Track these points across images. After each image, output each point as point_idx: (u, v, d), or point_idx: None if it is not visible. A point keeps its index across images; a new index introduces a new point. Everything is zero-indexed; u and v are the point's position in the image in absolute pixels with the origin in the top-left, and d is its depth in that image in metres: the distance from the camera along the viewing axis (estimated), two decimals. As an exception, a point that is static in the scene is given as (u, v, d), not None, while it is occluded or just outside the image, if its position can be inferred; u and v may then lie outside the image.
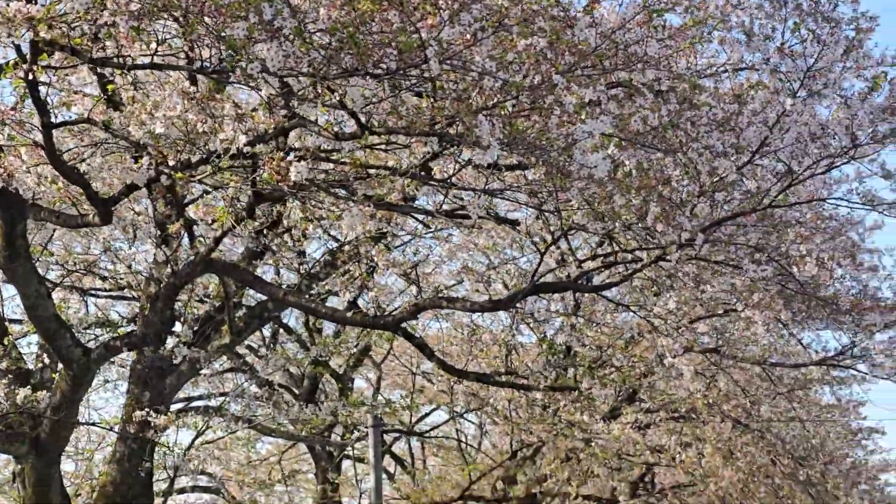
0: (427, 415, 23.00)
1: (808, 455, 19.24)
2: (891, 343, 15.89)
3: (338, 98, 7.29)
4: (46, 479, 11.49)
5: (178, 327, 12.89)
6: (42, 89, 8.08)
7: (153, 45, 7.49)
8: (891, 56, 9.69)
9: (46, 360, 12.52)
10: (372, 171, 8.98)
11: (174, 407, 13.90)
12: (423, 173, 8.87)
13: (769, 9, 9.72)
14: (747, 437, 18.35)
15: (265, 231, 11.90)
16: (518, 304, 12.55)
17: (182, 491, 19.24)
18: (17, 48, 7.45)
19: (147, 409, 11.90)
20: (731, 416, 17.84)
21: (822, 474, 19.53)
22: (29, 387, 11.57)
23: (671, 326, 13.19)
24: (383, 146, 9.08)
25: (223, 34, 6.46)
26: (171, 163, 8.09)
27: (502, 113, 7.12)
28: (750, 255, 10.00)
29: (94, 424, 15.20)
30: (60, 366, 11.29)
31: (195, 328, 12.82)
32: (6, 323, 13.05)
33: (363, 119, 7.85)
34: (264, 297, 12.70)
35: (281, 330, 18.86)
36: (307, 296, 12.31)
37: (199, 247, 11.02)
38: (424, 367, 21.73)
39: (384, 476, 24.22)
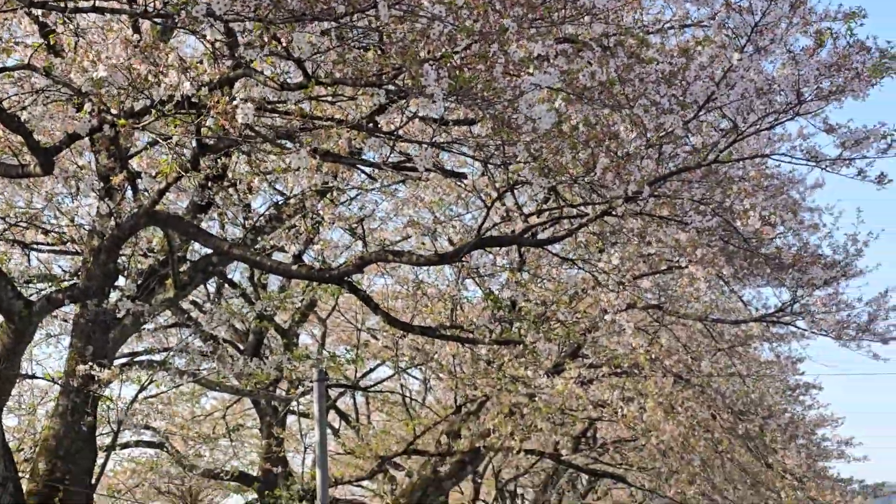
0: (372, 370, 22.99)
1: (747, 410, 19.38)
2: (830, 299, 16.09)
3: (284, 46, 7.14)
4: (-12, 433, 11.32)
5: (121, 281, 12.72)
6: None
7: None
8: (833, 10, 9.68)
9: (-13, 313, 12.32)
10: (318, 123, 8.83)
11: (117, 361, 13.74)
12: (369, 125, 8.75)
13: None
14: (688, 392, 18.44)
15: (210, 184, 11.71)
16: (464, 260, 12.51)
17: (126, 446, 19.03)
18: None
19: (90, 363, 11.75)
20: (672, 372, 17.91)
21: (760, 428, 19.68)
22: (-31, 340, 11.39)
23: (615, 282, 13.19)
24: (329, 97, 8.92)
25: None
26: (113, 111, 7.91)
27: (448, 63, 7.01)
28: (695, 208, 10.00)
29: (36, 377, 15.02)
30: (1, 318, 11.09)
31: (139, 282, 12.67)
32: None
33: (309, 69, 7.71)
34: (209, 251, 12.55)
35: (226, 285, 18.71)
36: (252, 249, 12.13)
37: (142, 199, 10.85)
38: (369, 322, 21.67)
39: (329, 431, 24.17)
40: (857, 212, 14.86)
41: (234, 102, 6.93)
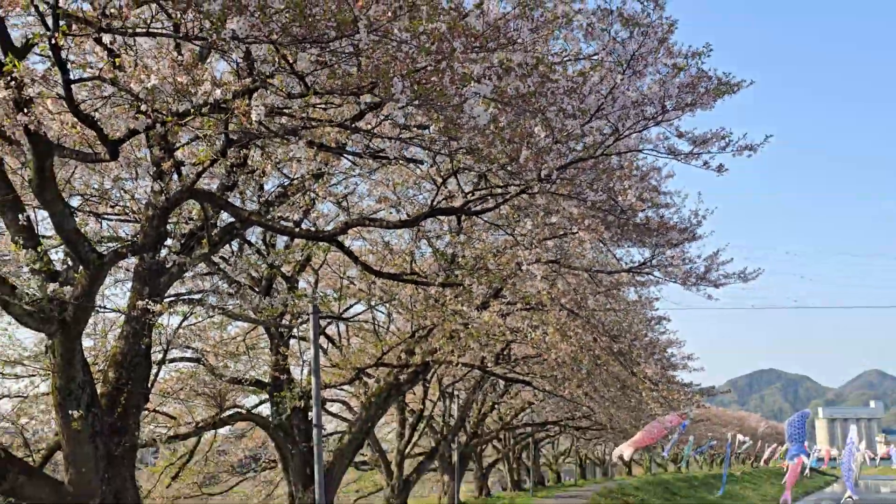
0: (351, 306, 22.71)
1: (619, 334, 19.40)
2: (678, 256, 16.24)
3: (289, 63, 6.86)
4: (71, 351, 11.09)
5: (169, 241, 12.44)
6: (63, 54, 7.51)
7: (147, 18, 6.95)
8: (686, 48, 9.60)
9: (70, 263, 11.99)
10: (314, 123, 8.55)
11: (167, 299, 13.44)
12: (352, 126, 8.49)
13: (600, 14, 9.49)
14: (577, 322, 18.40)
15: (234, 170, 11.43)
16: (419, 225, 12.26)
17: (173, 360, 18.68)
18: (43, 21, 6.89)
19: (146, 300, 11.50)
20: (566, 307, 17.89)
21: (629, 348, 19.72)
22: (57, 283, 11.11)
23: (527, 243, 13.07)
24: (322, 105, 8.64)
25: (202, 7, 5.98)
26: (163, 112, 7.59)
27: (411, 78, 6.79)
28: (589, 186, 9.85)
29: (106, 309, 14.70)
30: (81, 267, 10.80)
31: (182, 242, 12.41)
32: (40, 237, 12.47)
33: (307, 83, 7.45)
34: (233, 219, 12.27)
35: (246, 244, 18.39)
36: (265, 218, 11.85)
37: (185, 180, 10.52)
38: (350, 272, 21.41)
39: (321, 350, 24.00)
40: (698, 194, 14.99)
41: (252, 104, 6.65)
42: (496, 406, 37.78)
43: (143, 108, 7.46)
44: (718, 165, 10.12)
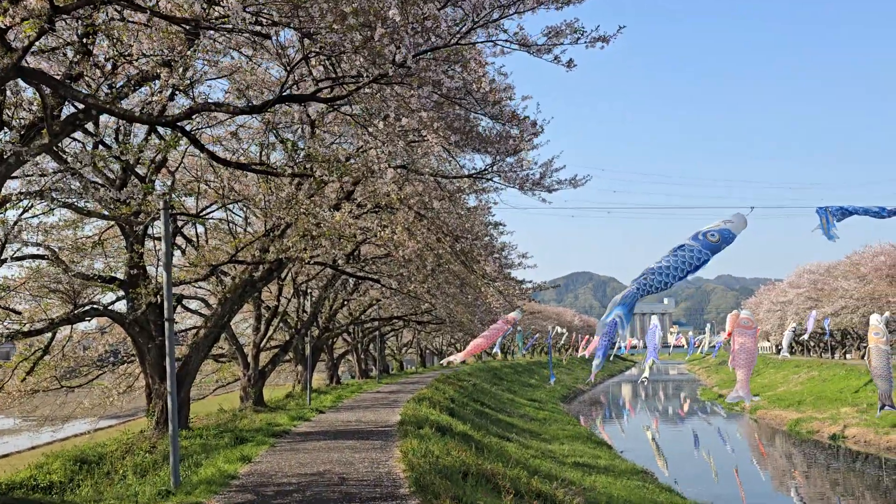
0: (207, 207, 20.89)
1: (462, 235, 18.62)
2: (516, 163, 15.72)
3: None
4: None
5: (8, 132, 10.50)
6: None
7: None
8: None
9: None
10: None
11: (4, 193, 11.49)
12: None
13: None
14: (424, 223, 17.55)
15: (78, 58, 9.61)
16: (269, 114, 10.77)
17: (22, 258, 16.46)
18: None
19: (-22, 190, 9.64)
20: (414, 209, 17.07)
21: (470, 247, 19.01)
22: None
23: (379, 143, 11.87)
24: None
25: None
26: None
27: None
28: (444, 73, 8.66)
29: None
30: None
31: (22, 132, 10.51)
32: None
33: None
34: (77, 109, 10.44)
35: (99, 143, 16.32)
36: (107, 104, 10.03)
37: (11, 57, 8.64)
38: (207, 176, 19.59)
39: (178, 251, 22.23)
40: (536, 105, 14.36)
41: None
42: (346, 302, 36.83)
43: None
44: (568, 60, 9.11)
